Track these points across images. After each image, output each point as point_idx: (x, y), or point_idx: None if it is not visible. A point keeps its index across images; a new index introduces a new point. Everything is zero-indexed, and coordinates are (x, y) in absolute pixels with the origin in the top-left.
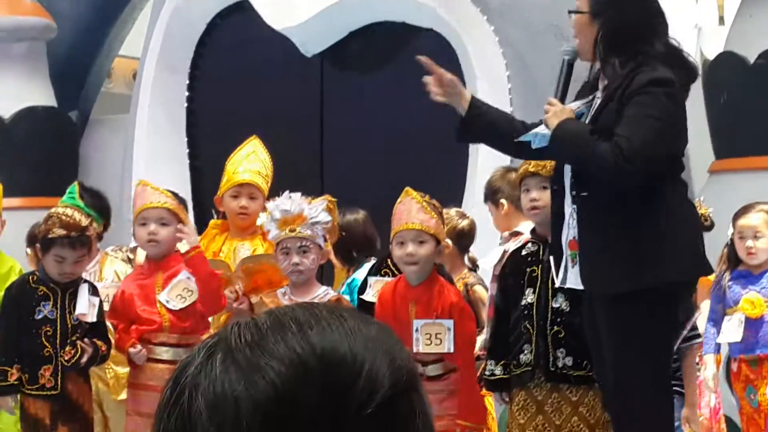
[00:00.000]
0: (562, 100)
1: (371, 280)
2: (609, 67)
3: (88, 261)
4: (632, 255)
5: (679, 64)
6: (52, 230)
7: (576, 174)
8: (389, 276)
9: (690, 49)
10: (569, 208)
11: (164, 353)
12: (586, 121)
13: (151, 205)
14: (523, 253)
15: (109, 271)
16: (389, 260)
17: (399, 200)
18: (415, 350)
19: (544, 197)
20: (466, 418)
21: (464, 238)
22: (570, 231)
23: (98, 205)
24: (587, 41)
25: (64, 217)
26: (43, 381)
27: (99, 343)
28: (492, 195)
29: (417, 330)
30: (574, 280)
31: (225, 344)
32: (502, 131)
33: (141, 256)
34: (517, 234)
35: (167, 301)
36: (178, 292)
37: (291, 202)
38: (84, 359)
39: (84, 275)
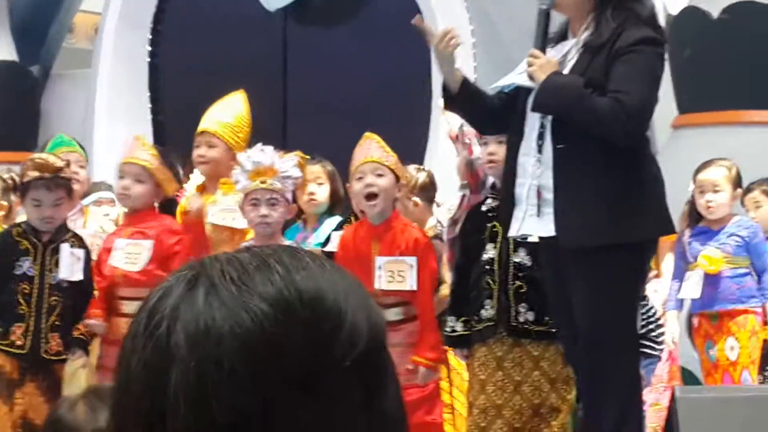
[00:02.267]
0: (543, 49)
1: (334, 234)
2: (602, 19)
3: (68, 206)
4: (609, 209)
5: (656, 25)
6: (26, 174)
7: (555, 126)
8: None
9: (655, 4)
10: (531, 158)
11: (126, 307)
12: (565, 72)
13: (130, 159)
14: (483, 208)
15: (93, 224)
16: (352, 217)
17: (359, 144)
18: (377, 287)
19: (501, 151)
20: (423, 354)
21: (427, 190)
22: (533, 181)
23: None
24: None
25: (37, 160)
26: (14, 338)
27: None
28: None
29: (380, 267)
30: (533, 228)
31: (207, 278)
32: (490, 103)
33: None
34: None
35: (116, 251)
36: (129, 252)
37: (263, 154)
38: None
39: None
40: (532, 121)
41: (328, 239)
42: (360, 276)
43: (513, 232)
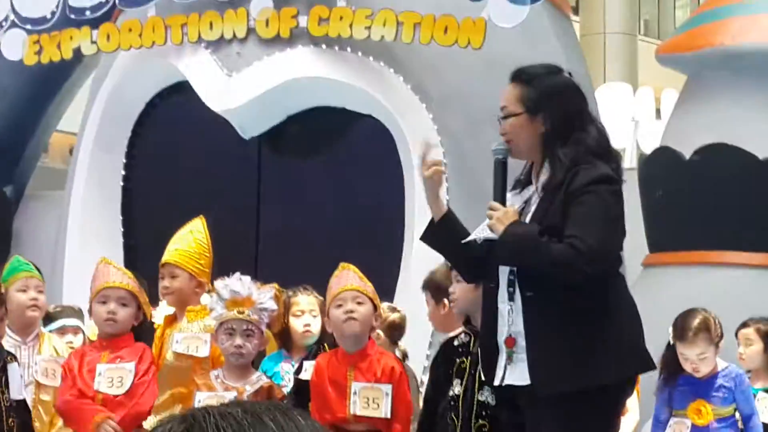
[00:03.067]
0: (502, 201)
1: (307, 363)
2: (555, 160)
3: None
4: (578, 354)
5: (609, 151)
6: None
7: (521, 275)
8: None
9: (627, 143)
10: (507, 306)
11: None
12: (526, 219)
13: (113, 284)
14: (455, 343)
15: (47, 348)
16: (325, 345)
17: (335, 274)
18: (351, 413)
19: (458, 290)
20: None
21: (395, 330)
22: (507, 329)
23: None
24: (528, 140)
25: None
26: None
27: None
28: (435, 290)
29: (355, 393)
30: (514, 377)
31: None
32: (460, 253)
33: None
34: None
35: (99, 375)
36: (113, 376)
37: (241, 284)
38: None
39: (23, 351)
40: (504, 269)
41: (300, 367)
42: (335, 401)
43: (497, 381)
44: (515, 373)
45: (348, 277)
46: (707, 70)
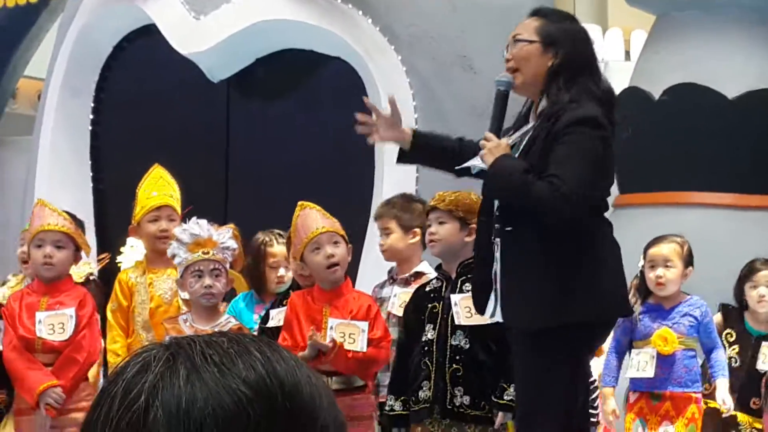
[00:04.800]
0: (498, 132)
1: (273, 312)
2: (552, 95)
3: None
4: (550, 293)
5: (612, 102)
6: None
7: (502, 209)
8: None
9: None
10: (497, 240)
11: None
12: (517, 153)
13: (48, 227)
14: (427, 289)
15: None
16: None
17: (296, 214)
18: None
19: (441, 231)
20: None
21: None
22: (497, 264)
23: None
24: (534, 69)
25: None
26: None
27: None
28: (403, 220)
29: (332, 328)
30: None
31: (188, 359)
32: (444, 156)
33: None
34: (419, 275)
35: (39, 323)
36: (53, 323)
37: (199, 227)
38: None
39: None
40: (494, 204)
41: (267, 316)
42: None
43: (487, 315)
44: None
45: (315, 218)
46: (676, 9)
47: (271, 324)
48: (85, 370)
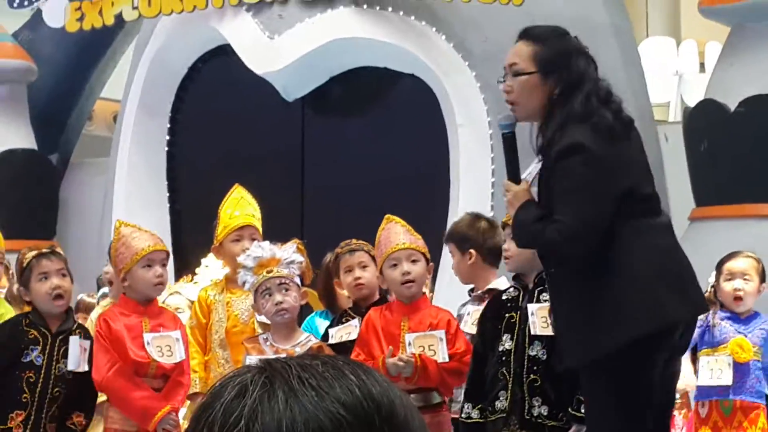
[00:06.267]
0: (515, 177)
1: (332, 330)
2: (551, 120)
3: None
4: (587, 325)
5: (611, 101)
6: (25, 256)
7: (540, 254)
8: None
9: (671, 96)
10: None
11: None
12: (537, 186)
13: (157, 247)
14: (504, 297)
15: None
16: (349, 310)
17: (381, 227)
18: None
19: (512, 247)
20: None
21: None
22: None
23: None
24: (536, 101)
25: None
26: (11, 425)
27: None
28: (459, 241)
29: (410, 344)
30: None
31: (285, 383)
32: None
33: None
34: (491, 291)
35: (147, 345)
36: (160, 345)
37: (261, 249)
38: None
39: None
40: None
41: (326, 334)
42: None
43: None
44: None
45: (398, 234)
46: (750, 21)
47: (331, 342)
48: (186, 394)
